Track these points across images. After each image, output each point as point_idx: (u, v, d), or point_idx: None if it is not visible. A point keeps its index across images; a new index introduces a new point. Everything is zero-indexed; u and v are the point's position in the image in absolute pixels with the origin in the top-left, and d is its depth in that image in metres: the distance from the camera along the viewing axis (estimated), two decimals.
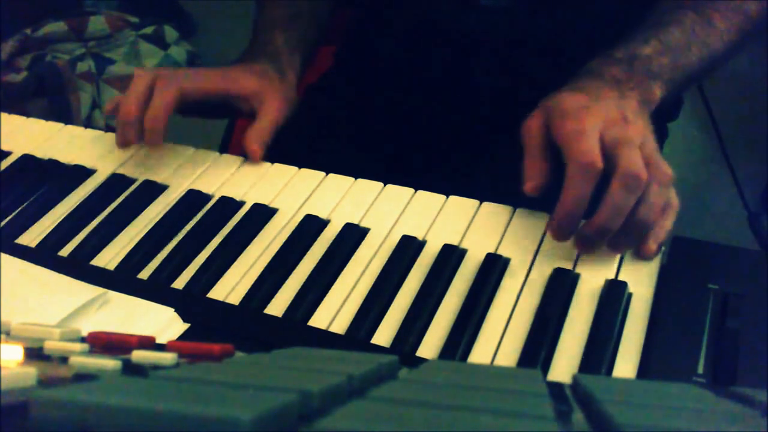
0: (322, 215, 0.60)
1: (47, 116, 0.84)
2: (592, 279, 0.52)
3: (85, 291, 0.51)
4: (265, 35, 0.77)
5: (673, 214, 0.53)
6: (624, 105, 0.54)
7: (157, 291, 0.53)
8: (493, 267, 0.53)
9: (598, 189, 0.51)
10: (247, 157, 0.68)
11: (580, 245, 0.53)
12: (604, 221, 0.50)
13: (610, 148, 0.51)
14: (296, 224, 0.59)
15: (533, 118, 0.56)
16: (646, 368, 0.45)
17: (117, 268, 0.57)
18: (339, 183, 0.64)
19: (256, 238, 0.59)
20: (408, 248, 0.56)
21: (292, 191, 0.64)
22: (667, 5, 0.64)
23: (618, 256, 0.54)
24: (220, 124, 0.97)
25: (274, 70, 0.72)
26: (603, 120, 0.52)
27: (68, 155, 0.71)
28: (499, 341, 0.48)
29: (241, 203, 0.63)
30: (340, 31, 0.91)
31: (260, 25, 0.79)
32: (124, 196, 0.65)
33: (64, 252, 0.59)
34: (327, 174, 0.65)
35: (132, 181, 0.67)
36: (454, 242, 0.56)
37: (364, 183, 0.64)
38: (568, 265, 0.53)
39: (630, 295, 0.51)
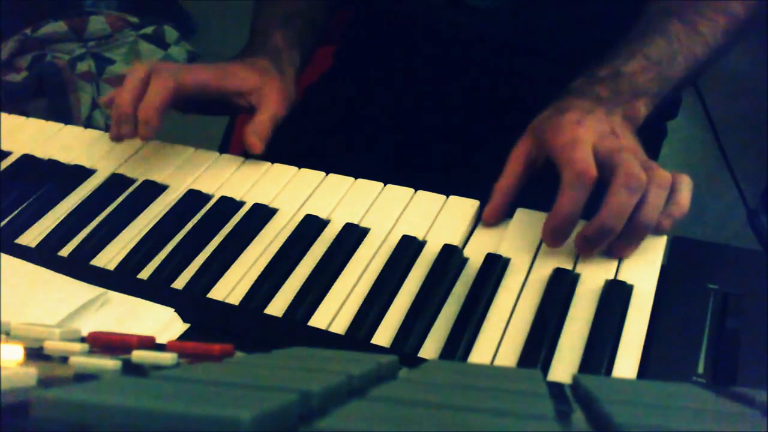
0: (322, 215, 0.60)
1: (47, 116, 0.84)
2: (592, 279, 0.52)
3: (85, 291, 0.51)
4: (264, 33, 0.76)
5: (687, 190, 0.53)
6: (611, 120, 0.55)
7: (157, 291, 0.53)
8: (493, 267, 0.53)
9: (592, 200, 0.52)
10: (247, 156, 0.68)
11: (582, 246, 0.53)
12: (606, 221, 0.50)
13: (605, 158, 0.52)
14: (296, 224, 0.59)
15: (520, 142, 0.58)
16: (646, 368, 0.45)
17: (117, 268, 0.57)
18: (339, 183, 0.64)
19: (256, 238, 0.59)
20: (408, 248, 0.56)
21: (292, 191, 0.64)
22: (652, 14, 0.64)
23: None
24: (220, 124, 0.97)
25: (273, 66, 0.72)
26: (595, 133, 0.53)
27: (68, 155, 0.71)
28: (499, 341, 0.48)
29: (241, 203, 0.63)
30: (340, 31, 0.91)
31: (258, 23, 0.79)
32: (124, 196, 0.65)
33: (64, 252, 0.59)
34: (327, 174, 0.65)
35: (132, 181, 0.67)
36: (454, 242, 0.56)
37: (364, 183, 0.64)
38: (568, 265, 0.53)
39: (630, 295, 0.51)
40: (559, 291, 0.51)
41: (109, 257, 0.58)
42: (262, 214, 0.61)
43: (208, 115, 0.74)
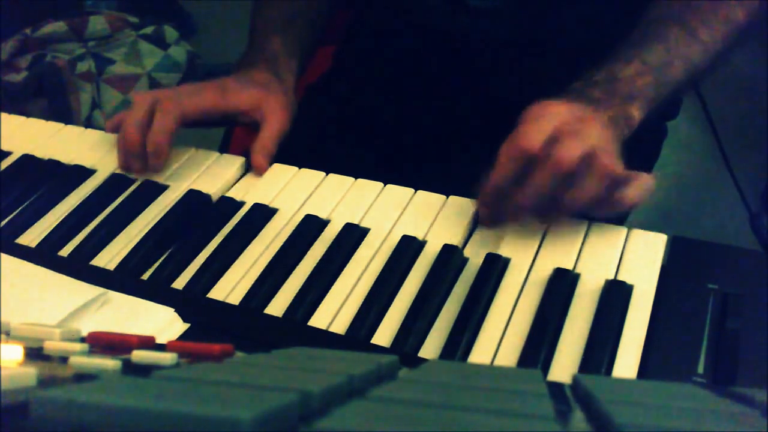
0: (322, 215, 0.60)
1: (47, 116, 0.84)
2: (592, 279, 0.52)
3: (85, 291, 0.51)
4: (263, 39, 0.77)
5: (637, 188, 0.53)
6: (595, 117, 0.54)
7: (157, 291, 0.53)
8: (493, 267, 0.53)
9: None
10: (247, 156, 0.68)
11: (480, 210, 0.55)
12: (495, 179, 0.52)
13: (555, 138, 0.52)
14: (296, 224, 0.59)
15: (509, 137, 0.58)
16: (646, 368, 0.45)
17: (117, 268, 0.57)
18: (339, 183, 0.64)
19: (256, 238, 0.59)
20: (408, 248, 0.56)
21: (292, 191, 0.64)
22: (652, 19, 0.64)
23: (619, 256, 0.54)
24: None
25: (273, 76, 0.72)
26: (565, 116, 0.53)
27: (68, 155, 0.71)
28: (499, 341, 0.48)
29: (241, 203, 0.63)
30: (340, 31, 0.91)
31: (257, 28, 0.79)
32: (124, 196, 0.65)
33: (64, 252, 0.59)
34: (327, 174, 0.65)
35: (132, 181, 0.67)
36: (454, 242, 0.56)
37: (364, 183, 0.64)
38: (568, 265, 0.53)
39: (630, 295, 0.51)
40: (559, 291, 0.51)
41: (109, 257, 0.58)
42: (262, 214, 0.61)
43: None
